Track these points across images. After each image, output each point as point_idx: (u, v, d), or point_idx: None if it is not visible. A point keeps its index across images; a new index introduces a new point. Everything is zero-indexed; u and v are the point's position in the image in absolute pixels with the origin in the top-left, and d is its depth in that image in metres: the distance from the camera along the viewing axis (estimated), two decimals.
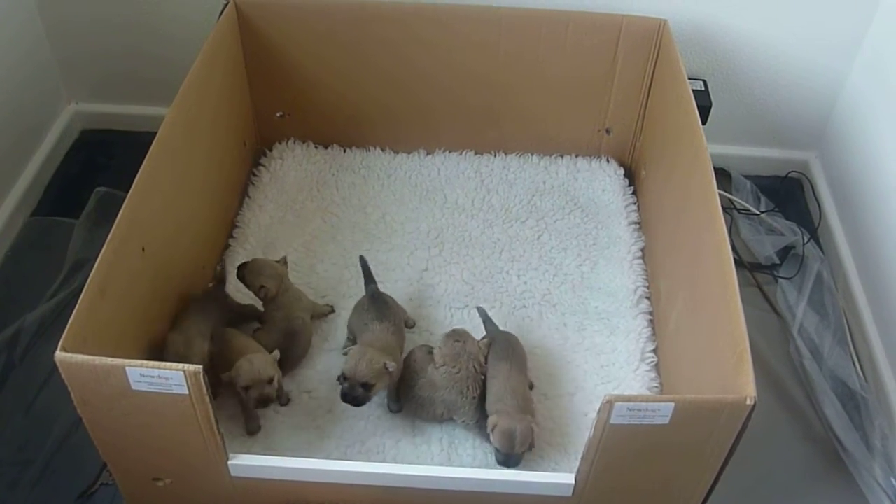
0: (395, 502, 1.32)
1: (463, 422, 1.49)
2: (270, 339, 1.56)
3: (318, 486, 1.29)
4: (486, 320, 1.63)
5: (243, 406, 1.48)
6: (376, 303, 1.58)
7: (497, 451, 1.42)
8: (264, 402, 1.43)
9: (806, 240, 2.02)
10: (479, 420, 1.49)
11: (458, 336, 1.51)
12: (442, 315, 1.71)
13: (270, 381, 1.43)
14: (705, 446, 1.19)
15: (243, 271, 1.61)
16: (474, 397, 1.48)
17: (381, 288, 1.66)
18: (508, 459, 1.42)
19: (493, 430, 1.41)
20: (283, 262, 1.64)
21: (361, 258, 1.67)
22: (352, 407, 1.47)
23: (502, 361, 1.51)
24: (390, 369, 1.44)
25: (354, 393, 1.42)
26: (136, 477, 1.34)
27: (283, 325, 1.57)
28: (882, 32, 1.90)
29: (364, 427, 1.51)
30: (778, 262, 2.01)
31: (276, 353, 1.48)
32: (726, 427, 1.16)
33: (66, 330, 1.16)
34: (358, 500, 1.31)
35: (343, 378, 1.43)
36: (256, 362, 1.43)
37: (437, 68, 1.93)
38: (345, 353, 1.47)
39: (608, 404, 1.12)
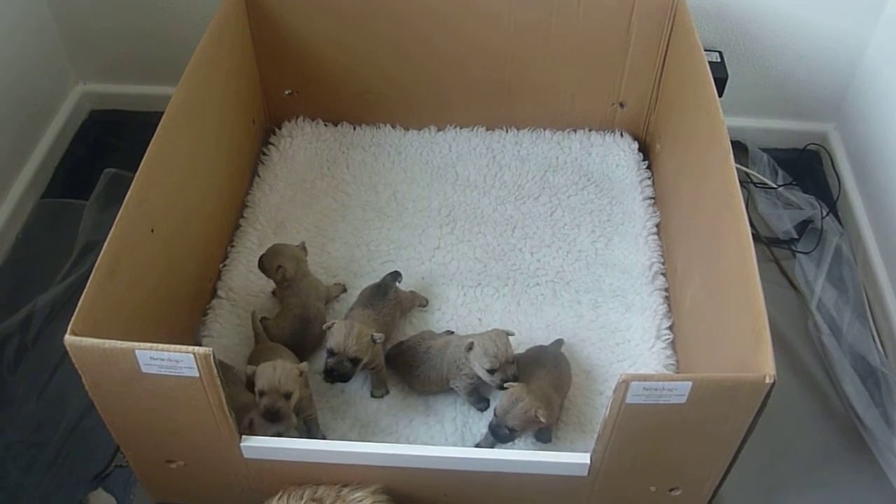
0: (409, 483, 1.31)
1: (457, 386, 1.48)
2: (284, 324, 1.55)
3: (332, 467, 1.29)
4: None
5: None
6: (375, 292, 1.56)
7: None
8: (272, 415, 1.29)
9: (824, 213, 1.99)
10: (472, 393, 1.48)
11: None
12: (454, 293, 1.69)
13: (288, 395, 1.29)
14: (723, 425, 1.18)
15: (261, 258, 1.59)
16: None
17: (392, 267, 1.66)
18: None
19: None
20: (302, 247, 1.63)
21: (398, 273, 1.64)
22: (379, 391, 1.48)
23: (540, 367, 1.47)
24: (377, 341, 1.42)
25: (342, 369, 1.41)
26: (149, 459, 1.34)
27: (299, 312, 1.55)
28: None
29: (377, 408, 1.51)
30: (796, 236, 1.98)
31: (306, 366, 1.36)
32: (745, 406, 1.14)
33: (75, 313, 1.15)
34: (371, 481, 1.30)
35: (330, 353, 1.41)
36: (279, 370, 1.30)
37: (447, 42, 1.90)
38: (327, 329, 1.44)
39: (624, 384, 1.10)
